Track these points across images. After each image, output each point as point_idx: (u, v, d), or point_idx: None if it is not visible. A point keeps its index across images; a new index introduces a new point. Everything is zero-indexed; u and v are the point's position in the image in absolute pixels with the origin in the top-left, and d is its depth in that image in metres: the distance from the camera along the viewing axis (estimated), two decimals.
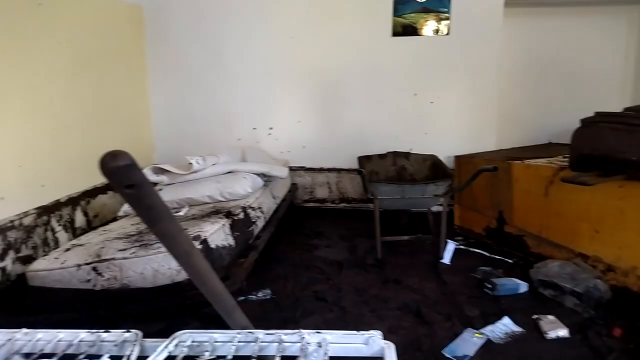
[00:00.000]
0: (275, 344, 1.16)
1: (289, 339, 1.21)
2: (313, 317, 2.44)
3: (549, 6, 4.11)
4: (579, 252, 2.79)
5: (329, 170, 4.41)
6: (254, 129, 4.44)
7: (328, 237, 3.69)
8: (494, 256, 3.20)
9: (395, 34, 4.07)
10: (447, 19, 3.96)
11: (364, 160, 3.74)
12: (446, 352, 2.08)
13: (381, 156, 3.83)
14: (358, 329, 1.15)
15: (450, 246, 3.22)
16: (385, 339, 1.15)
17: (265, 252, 3.13)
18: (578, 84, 4.23)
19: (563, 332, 2.19)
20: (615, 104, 2.91)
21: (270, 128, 4.43)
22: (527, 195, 3.08)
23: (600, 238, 2.67)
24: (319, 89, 4.28)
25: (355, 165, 3.73)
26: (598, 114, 2.62)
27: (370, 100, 4.23)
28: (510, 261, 3.09)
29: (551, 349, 2.11)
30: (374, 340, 1.21)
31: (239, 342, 1.14)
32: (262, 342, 1.15)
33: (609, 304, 2.42)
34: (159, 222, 0.82)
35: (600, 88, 4.21)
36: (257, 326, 1.11)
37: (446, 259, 3.15)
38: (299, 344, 1.19)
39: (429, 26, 4.01)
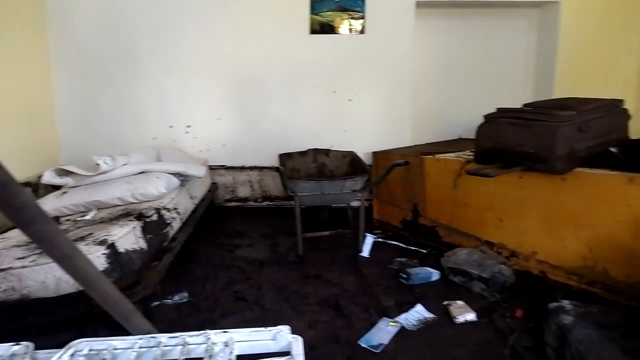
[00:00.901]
0: (180, 347, 1.11)
1: (194, 340, 1.17)
2: (232, 318, 2.39)
3: (458, 7, 4.34)
4: (486, 240, 2.97)
5: (251, 168, 4.36)
6: (171, 127, 4.28)
7: (250, 236, 3.65)
8: (409, 247, 3.32)
9: (313, 31, 4.10)
10: (362, 18, 4.06)
11: (284, 157, 3.73)
12: (362, 343, 2.12)
13: (302, 153, 3.84)
14: (276, 326, 1.14)
15: (369, 239, 3.31)
16: (303, 334, 1.15)
17: (183, 254, 3.03)
18: (486, 81, 4.51)
19: (471, 316, 2.32)
20: (519, 100, 3.15)
21: (188, 126, 4.29)
22: (438, 188, 3.23)
23: (503, 226, 2.87)
24: (239, 86, 4.21)
25: (277, 162, 3.71)
26: (499, 110, 2.80)
27: (291, 98, 4.23)
28: (424, 251, 3.23)
29: (460, 332, 2.23)
30: (281, 335, 1.20)
31: (140, 348, 1.08)
32: (165, 346, 1.10)
33: (513, 288, 2.60)
34: (31, 225, 0.75)
35: (506, 85, 4.51)
36: (173, 330, 1.06)
37: (365, 252, 3.23)
38: (204, 345, 1.15)
39: (345, 24, 4.08)
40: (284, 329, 1.22)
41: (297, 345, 1.18)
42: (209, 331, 1.21)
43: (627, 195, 2.30)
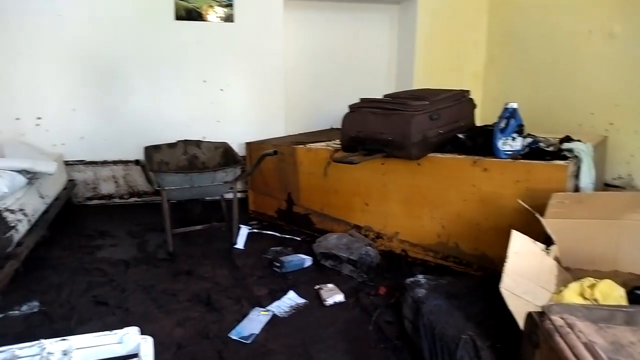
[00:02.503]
0: None
1: (25, 353, 1.04)
2: (91, 324, 2.20)
3: (326, 0, 4.44)
4: (354, 224, 3.12)
5: (115, 162, 4.04)
6: (17, 119, 3.80)
7: (114, 235, 3.38)
8: (285, 236, 3.36)
9: (179, 17, 3.91)
10: (231, 6, 3.97)
11: (151, 150, 3.50)
12: (233, 335, 2.09)
13: (170, 145, 3.64)
14: (142, 328, 1.05)
15: (244, 231, 3.28)
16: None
17: (32, 260, 2.72)
18: (355, 73, 4.69)
19: (339, 298, 2.42)
20: (384, 91, 3.34)
21: (39, 118, 3.84)
22: (310, 176, 3.30)
23: (369, 210, 3.03)
24: (96, 74, 3.86)
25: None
26: (362, 100, 2.94)
27: (156, 87, 3.99)
28: (299, 239, 3.29)
29: (329, 314, 2.31)
30: (128, 337, 1.12)
31: None
32: None
33: (378, 267, 2.76)
34: None
35: (373, 77, 4.74)
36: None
37: (240, 244, 3.19)
38: (38, 357, 1.04)
39: (213, 12, 3.96)
40: (132, 331, 1.15)
41: (146, 346, 1.11)
42: (43, 341, 1.10)
43: (473, 176, 2.55)
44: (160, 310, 2.32)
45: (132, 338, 1.13)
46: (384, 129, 2.69)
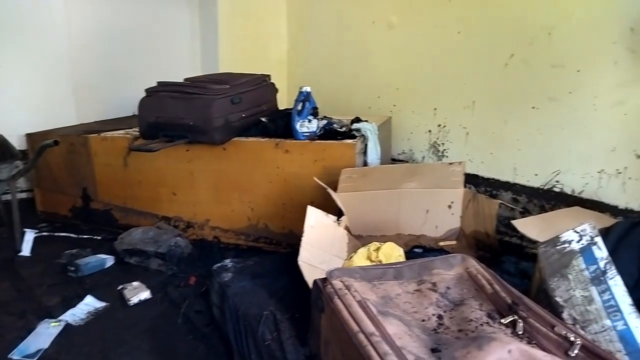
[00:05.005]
0: None
1: None
2: None
3: None
4: (163, 216, 2.96)
5: None
6: None
7: None
8: (82, 237, 3.01)
9: None
10: None
11: None
12: (15, 355, 1.80)
13: None
14: None
15: (29, 236, 2.83)
16: None
17: None
18: (156, 56, 4.39)
19: (145, 295, 2.27)
20: (190, 75, 3.21)
21: None
22: (108, 168, 3.01)
23: (177, 199, 2.90)
24: None
25: None
26: (159, 83, 2.78)
27: None
28: (99, 238, 2.99)
29: (134, 314, 2.15)
30: None
31: None
32: None
33: (190, 257, 2.67)
34: None
35: (177, 60, 4.50)
36: None
37: (25, 251, 2.76)
38: None
39: None
40: None
41: None
42: None
43: (276, 158, 2.63)
44: None
45: None
46: (184, 114, 2.59)
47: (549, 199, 2.61)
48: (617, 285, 1.41)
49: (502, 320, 1.18)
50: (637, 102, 2.24)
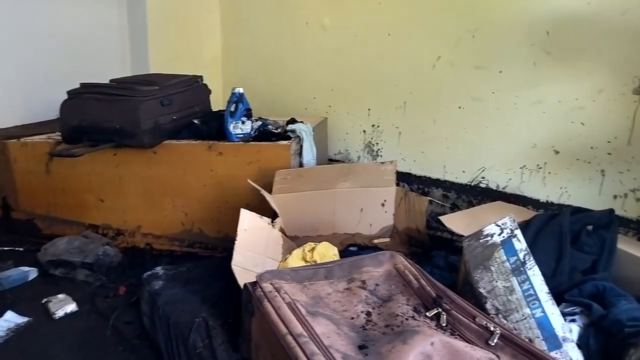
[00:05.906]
0: None
1: None
2: None
3: None
4: (90, 224, 2.81)
5: None
6: None
7: None
8: (2, 248, 2.80)
9: None
10: None
11: None
12: None
13: None
14: None
15: None
16: None
17: None
18: (84, 57, 4.18)
19: (71, 307, 2.15)
20: (118, 76, 3.07)
21: None
22: (30, 175, 2.83)
23: (106, 206, 2.77)
24: None
25: None
26: (82, 85, 2.65)
27: None
28: (21, 249, 2.79)
29: (59, 328, 2.03)
30: None
31: None
32: None
33: (120, 266, 2.55)
34: None
35: (106, 61, 4.30)
36: None
37: None
38: None
39: None
40: None
41: None
42: None
43: (209, 161, 2.58)
44: None
45: None
46: (110, 117, 2.47)
47: (476, 195, 2.74)
48: (535, 275, 1.50)
49: (427, 314, 1.22)
50: (554, 100, 2.41)
